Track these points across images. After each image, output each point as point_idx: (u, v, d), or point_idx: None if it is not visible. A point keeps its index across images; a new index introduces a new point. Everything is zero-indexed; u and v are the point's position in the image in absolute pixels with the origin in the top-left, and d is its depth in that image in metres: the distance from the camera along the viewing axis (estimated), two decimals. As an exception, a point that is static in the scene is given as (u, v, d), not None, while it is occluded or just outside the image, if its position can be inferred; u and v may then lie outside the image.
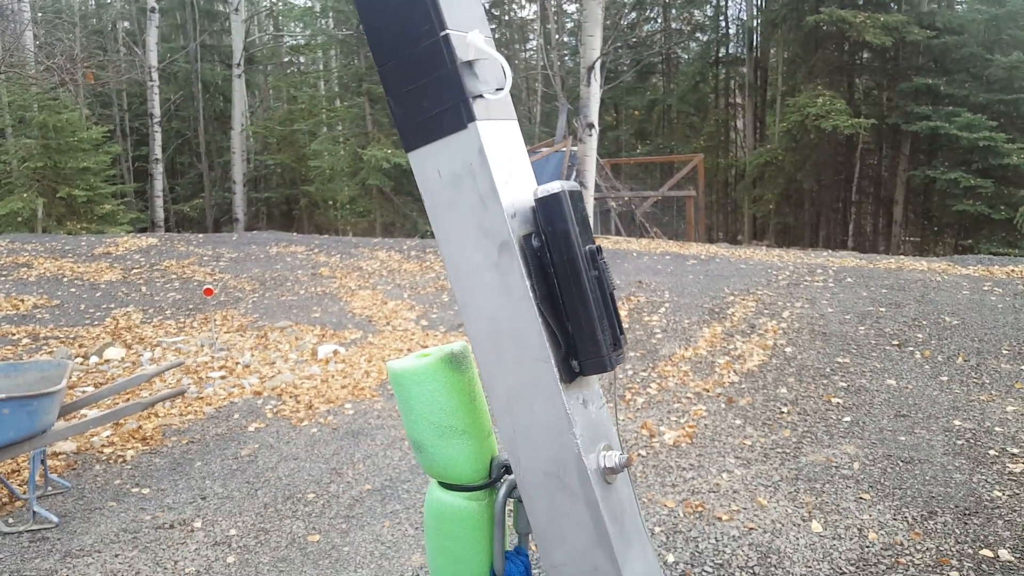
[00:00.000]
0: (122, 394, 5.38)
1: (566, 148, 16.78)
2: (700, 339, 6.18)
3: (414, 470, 4.12)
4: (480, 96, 1.45)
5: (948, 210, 17.30)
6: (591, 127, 11.22)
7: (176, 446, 4.64)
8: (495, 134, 1.49)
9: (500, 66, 1.51)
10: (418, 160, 1.53)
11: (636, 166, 25.84)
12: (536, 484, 1.56)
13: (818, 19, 18.39)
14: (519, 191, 1.51)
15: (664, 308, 7.08)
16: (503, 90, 1.51)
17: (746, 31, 26.46)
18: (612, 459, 1.54)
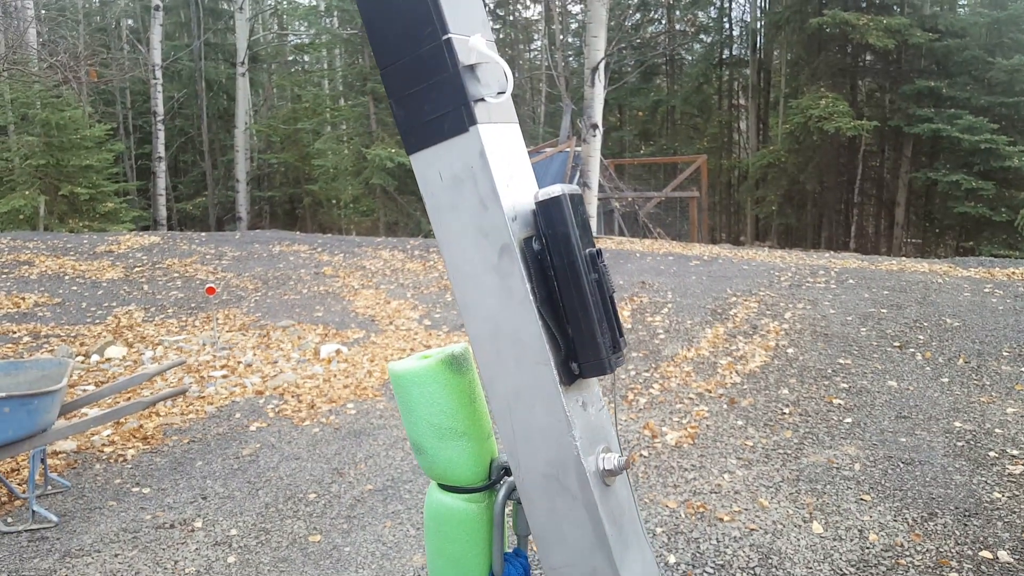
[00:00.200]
0: (123, 393, 5.37)
1: (570, 148, 16.80)
2: (702, 340, 6.18)
3: (416, 470, 4.12)
4: (482, 100, 1.46)
5: (949, 212, 17.31)
6: (595, 128, 11.23)
7: (177, 445, 4.64)
8: (496, 137, 1.49)
9: (502, 70, 1.52)
10: (420, 163, 1.53)
11: (640, 167, 25.87)
12: (535, 486, 1.57)
13: (821, 21, 18.41)
14: (520, 194, 1.52)
15: (667, 309, 7.08)
16: (504, 94, 1.51)
17: (750, 33, 26.49)
18: (611, 461, 1.54)
